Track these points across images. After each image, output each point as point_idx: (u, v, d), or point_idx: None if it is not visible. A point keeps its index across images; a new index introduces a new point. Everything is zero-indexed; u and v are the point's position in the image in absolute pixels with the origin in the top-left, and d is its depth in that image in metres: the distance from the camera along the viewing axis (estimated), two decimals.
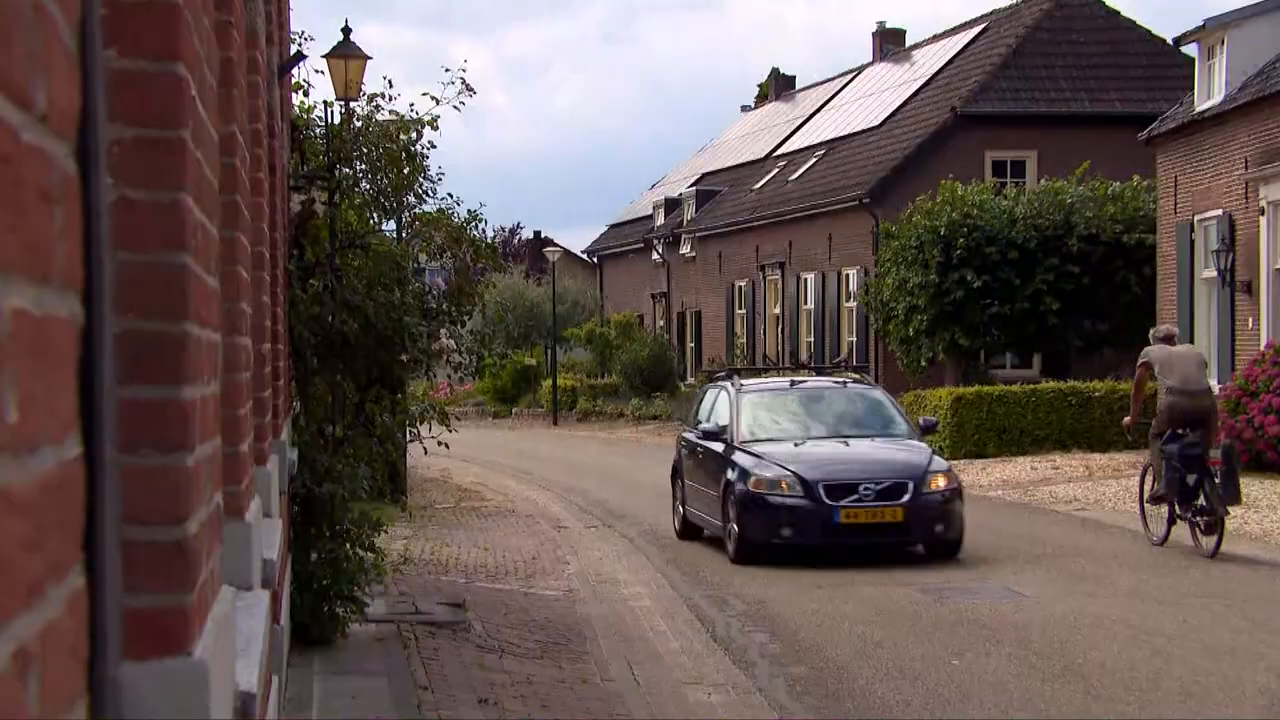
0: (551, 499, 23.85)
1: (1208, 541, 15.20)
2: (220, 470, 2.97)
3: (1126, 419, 16.80)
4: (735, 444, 16.57)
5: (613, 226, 60.13)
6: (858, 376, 18.75)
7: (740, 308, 45.93)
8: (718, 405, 17.77)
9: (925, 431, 17.28)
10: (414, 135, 13.09)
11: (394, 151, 12.90)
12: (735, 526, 15.79)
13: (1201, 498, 15.25)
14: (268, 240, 6.31)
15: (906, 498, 15.41)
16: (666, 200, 53.22)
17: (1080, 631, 11.71)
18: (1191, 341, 26.50)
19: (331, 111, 13.01)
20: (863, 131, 41.99)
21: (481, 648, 10.73)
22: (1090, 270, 31.21)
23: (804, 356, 40.75)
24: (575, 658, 10.83)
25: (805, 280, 41.24)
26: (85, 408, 1.79)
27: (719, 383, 18.41)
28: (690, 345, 50.10)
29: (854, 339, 38.37)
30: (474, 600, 12.70)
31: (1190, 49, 28.76)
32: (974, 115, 36.94)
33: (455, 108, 13.38)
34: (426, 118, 13.27)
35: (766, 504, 15.60)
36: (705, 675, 10.48)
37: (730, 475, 16.11)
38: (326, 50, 14.78)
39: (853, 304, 37.98)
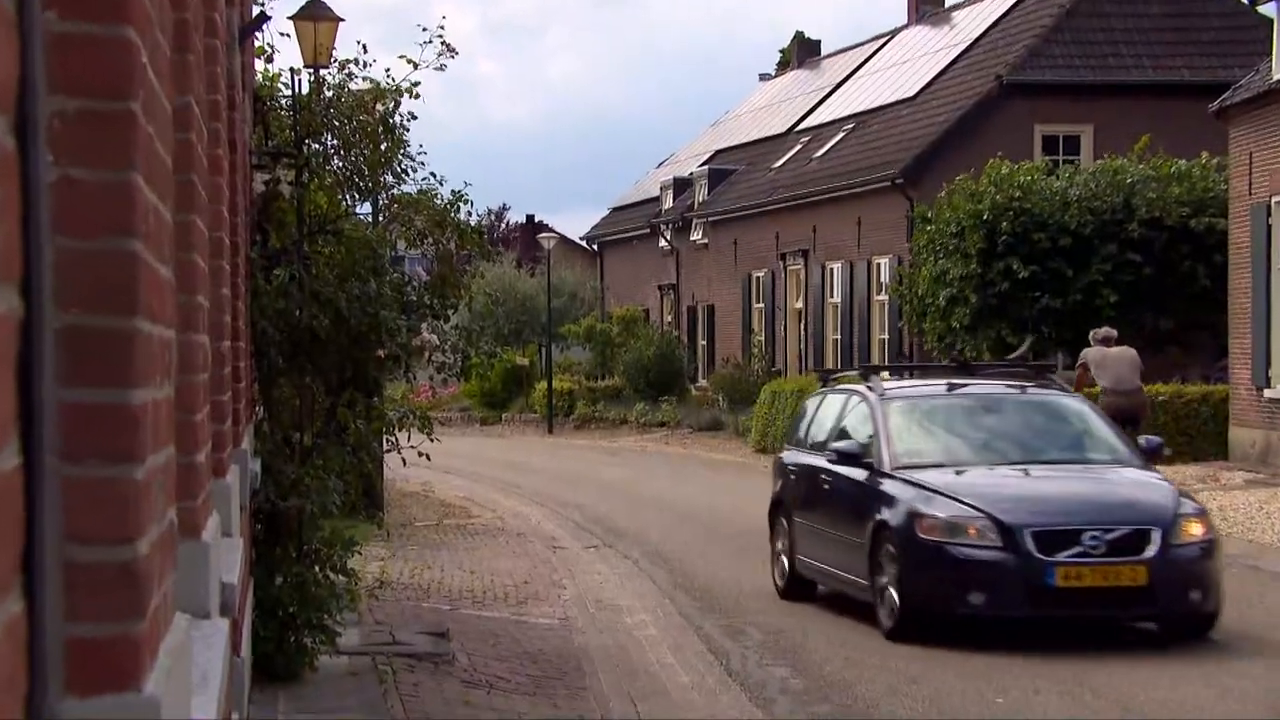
0: (545, 515, 23.87)
1: None
2: (174, 483, 2.97)
3: None
4: (885, 470, 13.60)
5: (615, 210, 60.12)
6: (1047, 378, 15.63)
7: (758, 301, 45.95)
8: (849, 418, 14.81)
9: (1149, 455, 14.36)
10: (391, 105, 13.10)
11: (369, 124, 12.90)
12: (896, 590, 12.81)
13: None
14: (227, 225, 6.32)
15: (1151, 551, 12.43)
16: (675, 180, 53.19)
17: (1139, 668, 11.71)
18: (1269, 339, 26.54)
19: (299, 80, 13.01)
20: (896, 103, 41.99)
21: (467, 683, 10.74)
22: (1153, 259, 31.20)
23: (827, 357, 40.74)
24: (572, 694, 10.83)
25: (831, 270, 41.26)
26: (24, 412, 1.79)
27: (845, 386, 15.69)
28: (702, 343, 50.09)
29: (885, 336, 38.39)
30: (459, 629, 12.71)
31: (1268, 9, 28.73)
32: (1022, 85, 36.92)
33: (437, 69, 13.38)
34: (405, 85, 13.29)
35: (945, 557, 12.58)
36: (719, 714, 10.49)
37: (883, 515, 13.16)
38: (293, 11, 14.79)
39: (884, 297, 37.99)
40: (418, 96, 13.18)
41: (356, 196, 13.49)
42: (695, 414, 42.93)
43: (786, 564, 15.29)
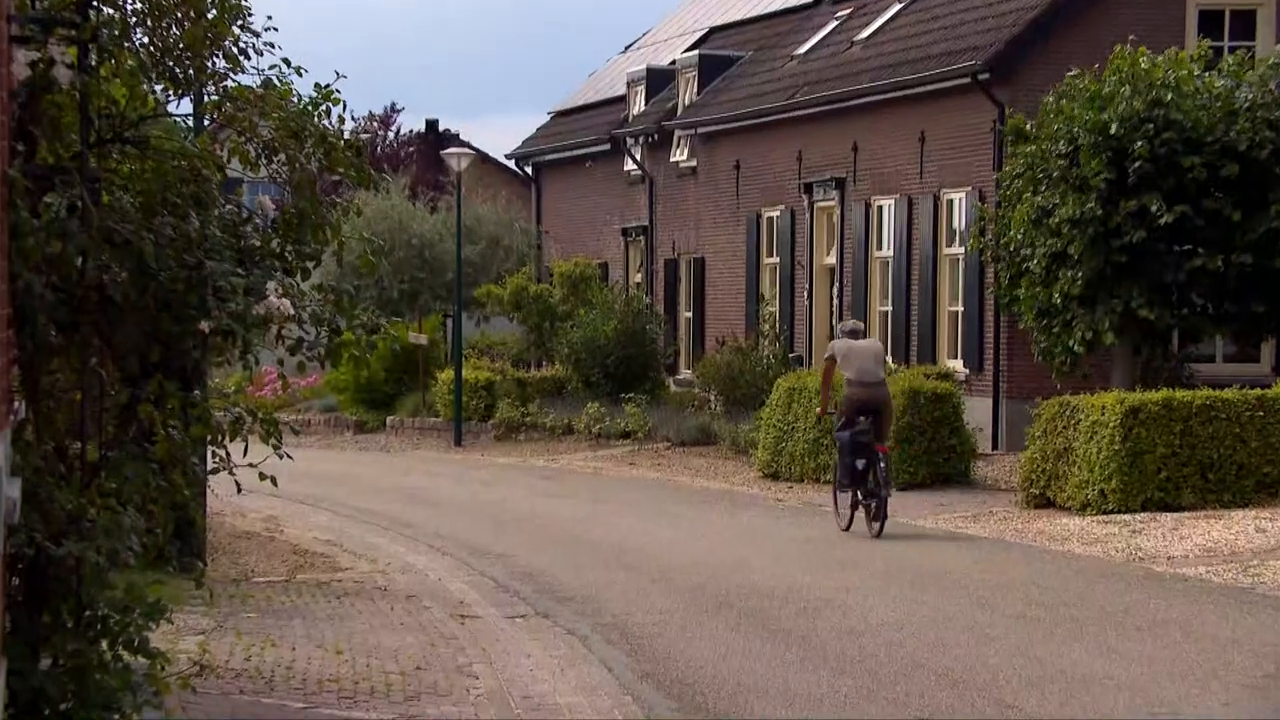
0: (450, 569, 23.89)
1: (874, 524, 25.45)
2: None
3: (818, 409, 28.24)
4: None
5: (559, 115, 60.11)
6: None
7: (771, 254, 45.95)
8: None
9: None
10: None
11: None
12: None
13: (869, 481, 25.65)
14: None
15: None
16: (649, 72, 53.18)
17: None
18: None
19: None
20: None
21: None
22: None
23: (874, 337, 40.71)
24: None
25: (880, 209, 41.27)
26: None
27: None
28: (686, 315, 50.11)
29: (960, 308, 38.40)
30: None
31: None
32: None
33: None
34: None
35: None
36: None
37: None
38: None
39: (960, 249, 37.99)
40: None
41: (171, 89, 13.44)
42: (675, 420, 42.92)
43: None
